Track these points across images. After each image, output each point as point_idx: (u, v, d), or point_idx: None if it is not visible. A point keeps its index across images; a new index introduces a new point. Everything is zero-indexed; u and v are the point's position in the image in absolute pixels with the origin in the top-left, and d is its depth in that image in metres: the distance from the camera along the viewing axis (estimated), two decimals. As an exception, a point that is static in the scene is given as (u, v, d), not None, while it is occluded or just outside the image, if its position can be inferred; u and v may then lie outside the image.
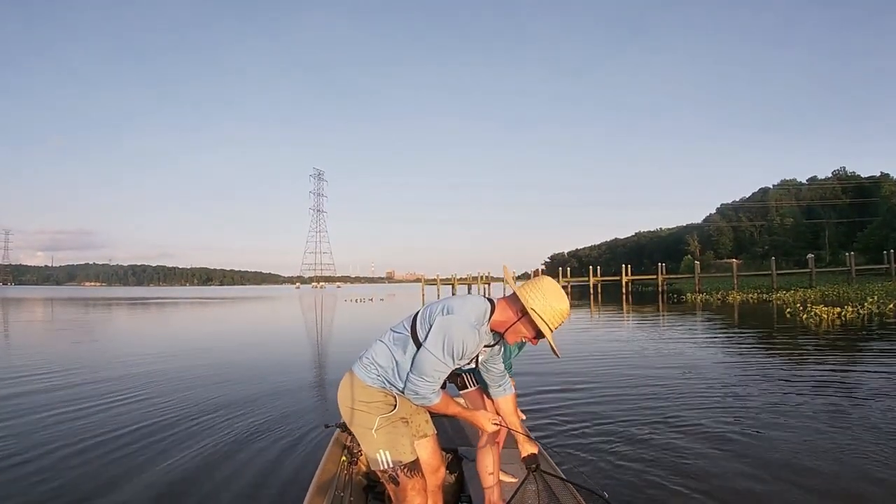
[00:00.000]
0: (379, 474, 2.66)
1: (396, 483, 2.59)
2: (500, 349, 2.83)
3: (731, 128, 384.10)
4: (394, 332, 2.65)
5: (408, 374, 2.48)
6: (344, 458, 3.36)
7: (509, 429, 2.86)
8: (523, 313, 2.48)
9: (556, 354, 2.61)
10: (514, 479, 3.66)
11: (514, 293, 2.53)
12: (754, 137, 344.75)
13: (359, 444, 2.96)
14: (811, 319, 18.09)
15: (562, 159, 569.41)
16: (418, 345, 2.48)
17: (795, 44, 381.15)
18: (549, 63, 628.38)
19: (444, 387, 2.65)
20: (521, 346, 3.44)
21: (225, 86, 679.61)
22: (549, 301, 2.46)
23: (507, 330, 2.55)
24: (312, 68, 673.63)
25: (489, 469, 3.16)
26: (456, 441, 4.07)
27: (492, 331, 2.59)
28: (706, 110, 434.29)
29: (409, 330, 2.56)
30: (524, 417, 3.65)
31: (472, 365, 2.78)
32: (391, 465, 2.58)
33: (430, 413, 2.86)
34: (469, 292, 61.50)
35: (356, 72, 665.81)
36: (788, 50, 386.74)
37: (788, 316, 19.96)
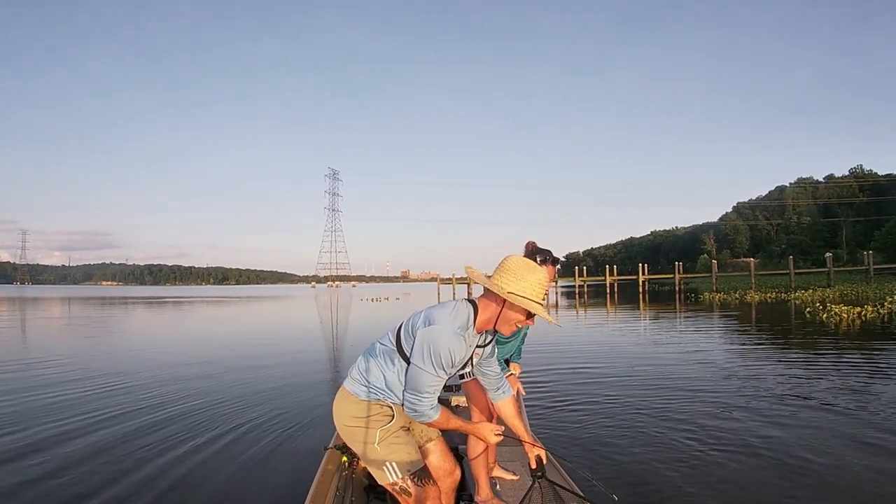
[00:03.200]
0: (389, 489, 2.59)
1: (409, 494, 2.53)
2: (494, 351, 2.76)
3: (747, 126, 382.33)
4: (380, 344, 2.59)
5: (403, 392, 2.45)
6: (345, 457, 3.28)
7: (512, 437, 2.79)
8: (504, 301, 2.38)
9: (555, 323, 2.60)
10: (514, 477, 3.68)
11: (487, 286, 2.44)
12: (770, 135, 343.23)
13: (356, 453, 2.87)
14: (831, 319, 18.04)
15: (576, 158, 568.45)
16: (405, 358, 2.44)
17: (811, 41, 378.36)
18: (562, 62, 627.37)
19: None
20: (522, 336, 3.47)
21: (239, 87, 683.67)
22: (523, 276, 2.35)
23: (496, 322, 2.44)
24: (326, 69, 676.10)
25: (475, 453, 3.20)
26: (456, 439, 3.92)
27: (480, 332, 2.51)
28: (722, 108, 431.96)
29: (395, 343, 2.50)
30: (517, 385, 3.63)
31: (469, 368, 2.71)
32: (400, 477, 2.52)
33: None
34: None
35: (370, 72, 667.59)
36: (804, 47, 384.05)
37: (808, 315, 19.85)
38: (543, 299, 2.39)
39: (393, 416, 2.57)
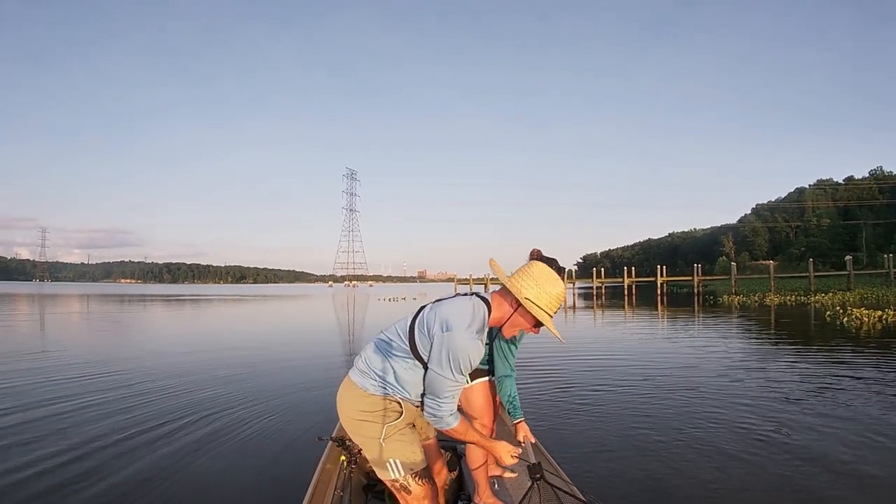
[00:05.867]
0: (388, 484, 2.55)
1: (409, 492, 2.50)
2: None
3: (765, 127, 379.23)
4: (389, 337, 2.53)
5: (422, 396, 2.43)
6: (343, 457, 3.28)
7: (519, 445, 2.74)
8: (518, 304, 2.37)
9: (560, 339, 2.51)
10: (513, 475, 3.60)
11: (505, 285, 2.42)
12: (789, 137, 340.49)
13: (359, 446, 2.86)
14: (852, 322, 17.98)
15: (593, 158, 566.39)
16: (419, 359, 2.40)
17: (830, 43, 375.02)
18: (578, 62, 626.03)
19: None
20: (518, 338, 3.37)
21: (256, 86, 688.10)
22: (543, 286, 2.35)
23: (505, 324, 2.45)
24: (344, 69, 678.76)
25: (478, 463, 3.18)
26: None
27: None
28: (740, 109, 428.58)
29: (408, 342, 2.43)
30: (529, 438, 3.43)
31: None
32: (402, 475, 2.48)
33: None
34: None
35: (387, 72, 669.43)
36: (823, 48, 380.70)
37: (828, 319, 19.78)
38: (555, 313, 2.42)
39: (401, 413, 2.53)
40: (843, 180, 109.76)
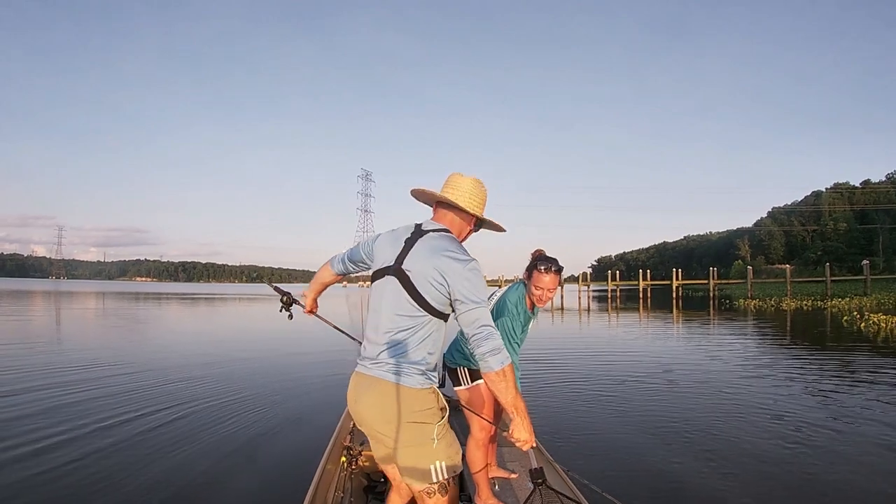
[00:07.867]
0: (419, 491, 2.25)
1: (445, 494, 2.24)
2: None
3: (782, 130, 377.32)
4: (402, 323, 2.24)
5: (469, 338, 2.15)
6: (344, 458, 3.28)
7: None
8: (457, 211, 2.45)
9: (502, 229, 2.61)
10: (514, 475, 3.67)
11: (439, 200, 2.48)
12: (806, 140, 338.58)
13: (359, 444, 2.85)
14: (869, 328, 17.95)
15: (609, 162, 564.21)
16: (439, 315, 2.24)
17: (847, 45, 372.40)
18: (594, 65, 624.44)
19: (442, 385, 2.42)
20: (525, 326, 3.38)
21: (272, 88, 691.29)
22: (460, 187, 2.45)
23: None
24: (358, 70, 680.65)
25: (479, 465, 3.22)
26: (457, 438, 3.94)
27: None
28: (756, 112, 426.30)
29: (423, 308, 2.21)
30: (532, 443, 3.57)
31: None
32: (446, 476, 2.23)
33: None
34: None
35: (401, 74, 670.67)
36: (840, 51, 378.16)
37: (845, 324, 19.76)
38: (484, 207, 2.51)
39: (446, 408, 2.30)
40: (860, 184, 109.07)
